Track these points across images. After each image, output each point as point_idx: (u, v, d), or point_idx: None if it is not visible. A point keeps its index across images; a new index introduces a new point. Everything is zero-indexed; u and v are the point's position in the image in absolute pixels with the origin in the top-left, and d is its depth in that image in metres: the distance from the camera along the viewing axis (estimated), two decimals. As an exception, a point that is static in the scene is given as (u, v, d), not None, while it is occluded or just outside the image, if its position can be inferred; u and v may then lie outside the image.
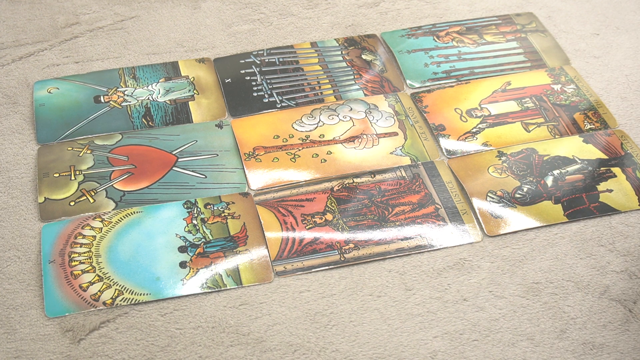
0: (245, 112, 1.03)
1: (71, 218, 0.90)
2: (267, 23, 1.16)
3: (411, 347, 0.79)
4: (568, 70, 1.09)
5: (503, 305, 0.83)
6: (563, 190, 0.93)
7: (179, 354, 0.78)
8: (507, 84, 1.07)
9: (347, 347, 0.79)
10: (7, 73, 1.08)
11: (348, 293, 0.83)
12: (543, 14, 1.19)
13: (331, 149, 0.98)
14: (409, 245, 0.88)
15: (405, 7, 1.20)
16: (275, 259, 0.86)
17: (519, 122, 1.02)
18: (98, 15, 1.17)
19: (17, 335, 0.79)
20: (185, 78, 1.07)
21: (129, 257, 0.86)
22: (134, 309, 0.82)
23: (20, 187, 0.93)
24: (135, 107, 1.03)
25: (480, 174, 0.95)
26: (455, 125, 1.01)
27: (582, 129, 1.01)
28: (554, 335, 0.80)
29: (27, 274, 0.85)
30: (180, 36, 1.14)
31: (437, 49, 1.12)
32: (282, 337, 0.80)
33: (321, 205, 0.92)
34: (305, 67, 1.09)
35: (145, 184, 0.94)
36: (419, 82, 1.07)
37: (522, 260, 0.87)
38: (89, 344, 0.79)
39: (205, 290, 0.83)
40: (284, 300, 0.83)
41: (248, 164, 0.96)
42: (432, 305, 0.82)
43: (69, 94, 1.04)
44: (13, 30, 1.14)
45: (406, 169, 0.96)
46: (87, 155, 0.97)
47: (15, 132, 1.00)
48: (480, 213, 0.91)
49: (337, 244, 0.88)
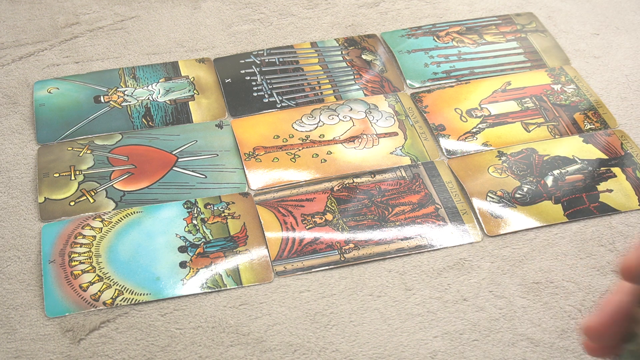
0: (245, 112, 1.03)
1: (71, 218, 0.90)
2: (267, 23, 1.16)
3: (411, 347, 0.79)
4: (568, 70, 1.09)
5: (503, 305, 0.83)
6: (563, 190, 0.93)
7: (179, 354, 0.78)
8: (507, 84, 1.07)
9: (347, 347, 0.79)
10: (7, 73, 1.08)
11: (348, 293, 0.83)
12: (543, 14, 1.19)
13: (331, 149, 0.98)
14: (409, 245, 0.88)
15: (405, 7, 1.20)
16: (275, 259, 0.86)
17: (519, 122, 1.02)
18: (98, 15, 1.17)
19: (17, 335, 0.79)
20: (185, 78, 1.07)
21: (129, 257, 0.86)
22: (134, 309, 0.82)
23: (20, 187, 0.93)
24: (135, 107, 1.03)
25: (480, 174, 0.95)
26: (455, 125, 1.01)
27: (582, 129, 1.01)
28: (554, 335, 0.80)
29: (27, 274, 0.85)
30: (180, 36, 1.14)
31: (437, 49, 1.12)
32: (282, 337, 0.80)
33: (321, 205, 0.92)
34: (305, 67, 1.09)
35: (145, 184, 0.94)
36: (419, 82, 1.07)
37: (522, 260, 0.87)
38: (89, 344, 0.79)
39: (205, 290, 0.83)
40: (284, 300, 0.83)
41: (248, 164, 0.96)
42: (432, 305, 0.82)
43: (69, 94, 1.04)
44: (13, 30, 1.14)
45: (406, 169, 0.96)
46: (87, 155, 0.97)
47: (15, 132, 1.00)
48: (480, 213, 0.91)
49: (337, 244, 0.88)
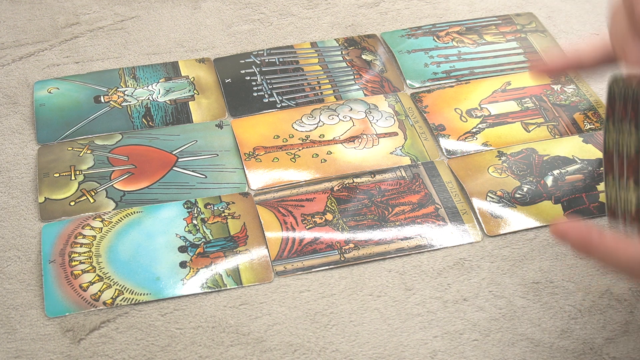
0: (245, 112, 1.03)
1: (71, 218, 0.90)
2: (267, 23, 1.16)
3: (411, 347, 0.79)
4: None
5: (503, 305, 0.83)
6: (563, 190, 0.93)
7: (179, 353, 0.78)
8: (507, 84, 1.07)
9: (347, 347, 0.79)
10: (7, 73, 1.08)
11: (348, 293, 0.83)
12: (543, 14, 1.19)
13: (331, 149, 0.98)
14: (409, 245, 0.88)
15: (405, 7, 1.20)
16: (275, 259, 0.86)
17: (519, 122, 1.02)
18: (98, 16, 1.17)
19: (17, 335, 0.79)
20: (185, 78, 1.07)
21: (129, 257, 0.86)
22: (134, 308, 0.82)
23: (20, 187, 0.93)
24: (136, 107, 1.03)
25: (480, 174, 0.95)
26: (455, 125, 1.01)
27: (582, 129, 1.01)
28: (554, 335, 0.80)
29: (27, 273, 0.85)
30: (180, 36, 1.14)
31: (437, 49, 1.12)
32: (282, 337, 0.80)
33: (321, 205, 0.92)
34: (305, 67, 1.09)
35: (145, 184, 0.94)
36: (419, 82, 1.07)
37: (522, 260, 0.87)
38: (89, 344, 0.79)
39: (206, 290, 0.83)
40: (284, 300, 0.83)
41: (248, 164, 0.96)
42: (432, 305, 0.82)
43: (69, 94, 1.04)
44: (13, 30, 1.14)
45: (406, 169, 0.96)
46: (87, 155, 0.97)
47: (15, 132, 1.00)
48: (480, 213, 0.91)
49: (337, 244, 0.88)
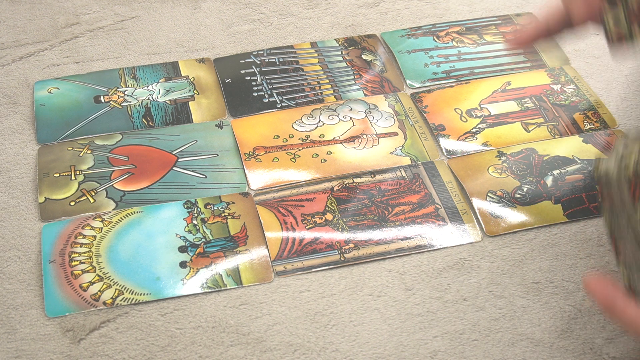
0: (245, 112, 1.03)
1: (71, 218, 0.90)
2: (267, 23, 1.16)
3: (411, 347, 0.79)
4: (568, 70, 1.09)
5: (503, 305, 0.83)
6: (563, 190, 0.93)
7: (179, 353, 0.78)
8: (507, 84, 1.07)
9: (347, 347, 0.79)
10: (7, 73, 1.08)
11: (348, 293, 0.84)
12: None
13: (331, 149, 0.98)
14: (409, 245, 0.88)
15: (405, 7, 1.20)
16: (275, 259, 0.86)
17: (519, 122, 1.02)
18: (98, 16, 1.17)
19: (17, 335, 0.79)
20: (185, 78, 1.07)
21: (129, 257, 0.86)
22: (134, 308, 0.82)
23: (20, 187, 0.93)
24: (136, 107, 1.03)
25: (480, 174, 0.95)
26: (455, 125, 1.01)
27: (582, 129, 1.01)
28: (554, 335, 0.80)
29: (27, 273, 0.85)
30: (180, 36, 1.14)
31: (437, 49, 1.12)
32: (282, 337, 0.80)
33: (321, 205, 0.92)
34: (305, 67, 1.09)
35: (145, 184, 0.94)
36: (419, 82, 1.07)
37: (522, 260, 0.87)
38: (89, 344, 0.79)
39: (206, 290, 0.83)
40: (284, 300, 0.83)
41: (248, 164, 0.96)
42: (432, 305, 0.82)
43: (69, 94, 1.04)
44: (13, 30, 1.14)
45: (406, 169, 0.96)
46: (87, 155, 0.97)
47: (15, 132, 1.00)
48: (480, 213, 0.91)
49: (337, 244, 0.88)
